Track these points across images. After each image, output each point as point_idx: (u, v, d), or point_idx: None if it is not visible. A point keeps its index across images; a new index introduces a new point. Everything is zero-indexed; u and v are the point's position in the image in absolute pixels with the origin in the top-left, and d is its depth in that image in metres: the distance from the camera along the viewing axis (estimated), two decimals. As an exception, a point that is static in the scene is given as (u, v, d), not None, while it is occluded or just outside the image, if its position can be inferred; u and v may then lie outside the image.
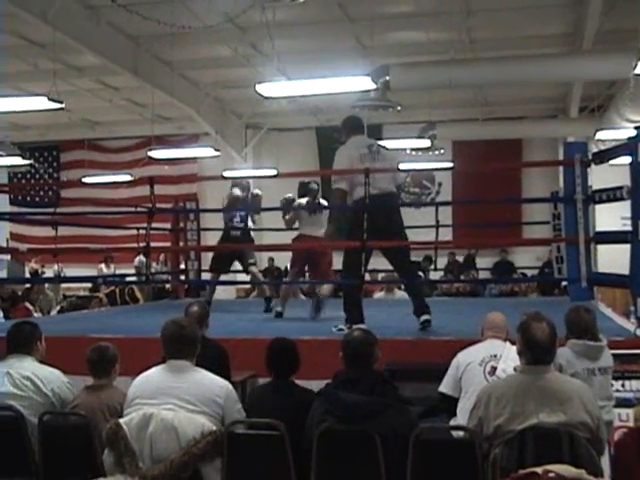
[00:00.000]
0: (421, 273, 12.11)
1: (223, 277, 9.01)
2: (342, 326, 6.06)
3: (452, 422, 4.23)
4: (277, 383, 4.13)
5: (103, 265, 15.33)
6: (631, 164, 5.61)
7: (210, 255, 9.28)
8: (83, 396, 4.17)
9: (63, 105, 9.87)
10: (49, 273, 13.65)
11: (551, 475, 2.36)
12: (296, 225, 7.91)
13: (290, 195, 8.01)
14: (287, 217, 7.94)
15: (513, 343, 4.37)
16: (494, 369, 4.21)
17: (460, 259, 15.29)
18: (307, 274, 8.35)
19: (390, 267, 6.80)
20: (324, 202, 7.78)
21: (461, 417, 4.10)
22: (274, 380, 4.16)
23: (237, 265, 8.84)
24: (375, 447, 3.47)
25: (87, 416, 3.96)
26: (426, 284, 12.81)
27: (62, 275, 9.14)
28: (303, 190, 7.89)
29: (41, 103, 9.55)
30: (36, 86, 11.72)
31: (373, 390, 3.66)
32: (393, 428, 3.54)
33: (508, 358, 4.22)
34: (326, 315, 7.32)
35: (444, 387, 4.41)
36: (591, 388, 3.76)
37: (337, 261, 9.05)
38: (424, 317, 6.09)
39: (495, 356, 4.29)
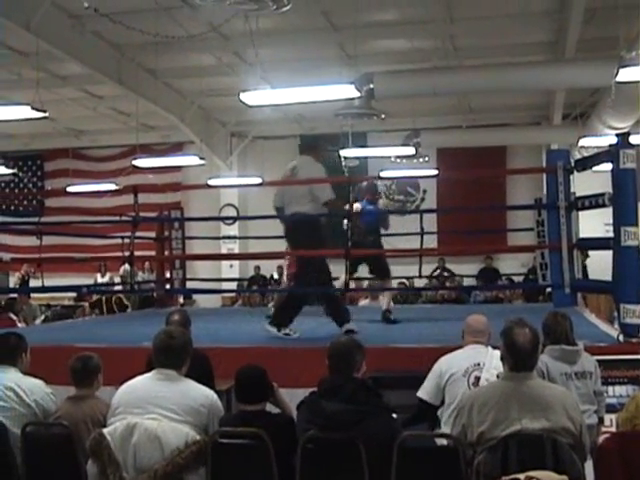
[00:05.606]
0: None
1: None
2: None
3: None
4: (245, 414, 3.86)
5: (99, 274, 15.40)
6: (612, 171, 5.66)
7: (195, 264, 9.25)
8: (66, 407, 4.14)
9: (47, 114, 9.83)
10: (34, 283, 13.59)
11: (533, 481, 2.36)
12: None
13: None
14: None
15: (495, 347, 4.39)
16: (477, 379, 4.20)
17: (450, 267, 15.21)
18: None
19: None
20: None
21: (446, 429, 4.05)
22: (242, 411, 3.89)
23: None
24: (358, 455, 3.46)
25: (70, 427, 3.93)
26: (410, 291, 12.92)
27: (43, 285, 9.12)
28: None
29: (24, 112, 9.50)
30: (20, 95, 11.68)
31: (354, 398, 3.64)
32: (375, 436, 3.52)
33: (491, 367, 4.22)
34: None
35: (424, 393, 4.37)
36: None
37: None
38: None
39: (478, 364, 4.28)
